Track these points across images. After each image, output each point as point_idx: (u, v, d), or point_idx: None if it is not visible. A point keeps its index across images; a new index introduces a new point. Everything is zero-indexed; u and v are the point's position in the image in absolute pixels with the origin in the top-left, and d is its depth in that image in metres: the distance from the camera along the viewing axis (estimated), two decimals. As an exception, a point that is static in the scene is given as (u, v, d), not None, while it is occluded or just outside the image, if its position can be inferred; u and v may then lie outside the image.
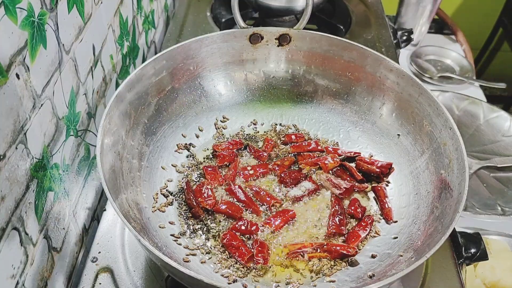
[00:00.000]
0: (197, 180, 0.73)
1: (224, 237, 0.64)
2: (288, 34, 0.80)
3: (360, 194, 0.73)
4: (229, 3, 0.80)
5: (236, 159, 0.75)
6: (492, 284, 0.86)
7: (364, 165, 0.74)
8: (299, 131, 0.83)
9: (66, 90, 0.61)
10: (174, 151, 0.76)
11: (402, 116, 0.76)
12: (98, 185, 0.78)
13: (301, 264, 0.63)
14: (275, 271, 0.63)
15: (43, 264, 0.58)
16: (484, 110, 1.21)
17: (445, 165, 0.66)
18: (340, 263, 0.63)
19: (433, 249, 0.51)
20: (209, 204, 0.68)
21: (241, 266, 0.62)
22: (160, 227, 0.64)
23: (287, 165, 0.76)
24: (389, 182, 0.74)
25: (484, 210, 0.98)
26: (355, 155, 0.77)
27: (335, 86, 0.82)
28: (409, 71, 1.03)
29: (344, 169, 0.76)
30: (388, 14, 1.29)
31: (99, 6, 0.70)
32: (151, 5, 1.02)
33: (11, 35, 0.46)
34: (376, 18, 1.19)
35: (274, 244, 0.65)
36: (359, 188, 0.73)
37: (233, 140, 0.79)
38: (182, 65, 0.76)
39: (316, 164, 0.76)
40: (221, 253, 0.64)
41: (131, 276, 0.65)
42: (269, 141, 0.79)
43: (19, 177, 0.50)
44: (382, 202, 0.71)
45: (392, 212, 0.69)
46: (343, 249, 0.63)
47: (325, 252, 0.64)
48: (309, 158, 0.77)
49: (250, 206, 0.69)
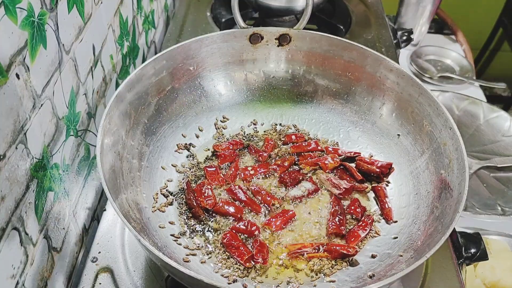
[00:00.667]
0: (197, 180, 0.73)
1: (225, 237, 0.64)
2: (288, 34, 0.80)
3: (361, 194, 0.73)
4: (229, 3, 0.80)
5: (236, 159, 0.75)
6: (492, 284, 0.86)
7: (364, 165, 0.74)
8: (299, 131, 0.83)
9: (66, 90, 0.61)
10: (174, 151, 0.76)
11: (402, 116, 0.76)
12: (98, 185, 0.78)
13: (301, 264, 0.63)
14: (276, 271, 0.63)
15: (43, 264, 0.58)
16: (484, 110, 1.21)
17: (445, 165, 0.66)
18: (341, 263, 0.63)
19: (433, 249, 0.51)
20: (209, 204, 0.68)
21: (241, 266, 0.62)
22: (160, 227, 0.64)
23: (287, 165, 0.76)
24: (389, 182, 0.74)
25: (484, 210, 0.98)
26: (355, 155, 0.77)
27: (335, 86, 0.82)
28: (409, 71, 1.03)
29: (344, 169, 0.76)
30: (388, 14, 1.29)
31: (99, 6, 0.70)
32: (151, 5, 1.02)
33: (11, 35, 0.46)
34: (376, 18, 1.19)
35: (274, 245, 0.65)
36: (359, 188, 0.73)
37: (233, 140, 0.79)
38: (182, 65, 0.76)
39: (316, 164, 0.76)
40: (222, 253, 0.64)
41: (131, 276, 0.65)
42: (269, 141, 0.79)
43: (19, 177, 0.50)
44: (382, 202, 0.71)
45: (392, 212, 0.69)
46: (343, 249, 0.63)
47: (325, 252, 0.64)
48: (309, 158, 0.77)
49: (250, 206, 0.69)
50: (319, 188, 0.73)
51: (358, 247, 0.65)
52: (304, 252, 0.64)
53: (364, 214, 0.70)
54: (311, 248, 0.64)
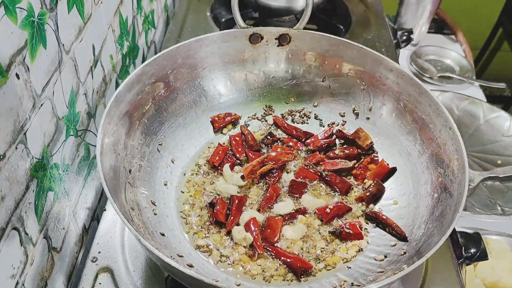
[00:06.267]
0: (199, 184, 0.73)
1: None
2: (288, 34, 0.80)
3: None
4: (229, 3, 0.80)
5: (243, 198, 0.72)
6: (492, 284, 0.86)
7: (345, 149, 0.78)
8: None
9: (66, 90, 0.61)
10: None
11: (402, 116, 0.76)
12: (98, 185, 0.78)
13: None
14: (278, 271, 0.63)
15: (43, 264, 0.58)
16: (484, 110, 1.21)
17: (445, 165, 0.66)
18: (341, 263, 0.63)
19: (433, 249, 0.51)
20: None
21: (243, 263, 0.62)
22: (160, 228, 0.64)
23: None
24: (376, 153, 0.77)
25: (484, 210, 0.98)
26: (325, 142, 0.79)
27: (335, 86, 0.82)
28: (409, 71, 1.03)
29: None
30: (388, 14, 1.29)
31: (99, 6, 0.70)
32: (151, 5, 1.02)
33: (11, 35, 0.46)
34: (376, 18, 1.19)
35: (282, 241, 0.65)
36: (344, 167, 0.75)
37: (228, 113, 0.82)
38: (182, 65, 0.76)
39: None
40: (225, 247, 0.64)
41: (131, 276, 0.65)
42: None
43: (19, 177, 0.50)
44: (391, 225, 0.67)
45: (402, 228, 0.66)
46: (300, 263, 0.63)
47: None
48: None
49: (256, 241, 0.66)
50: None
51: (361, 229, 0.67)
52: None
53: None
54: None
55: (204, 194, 0.72)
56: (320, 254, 0.65)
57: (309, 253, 0.65)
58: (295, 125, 0.83)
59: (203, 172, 0.75)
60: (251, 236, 0.64)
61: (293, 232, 0.67)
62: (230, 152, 0.77)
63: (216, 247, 0.65)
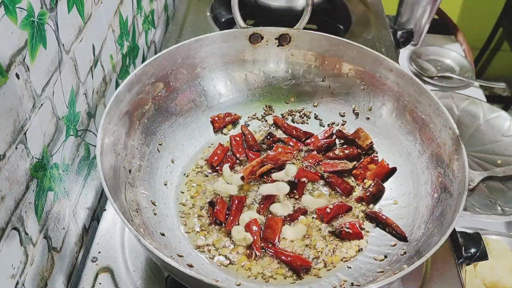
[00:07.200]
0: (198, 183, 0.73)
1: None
2: (288, 34, 0.80)
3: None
4: (229, 3, 0.80)
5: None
6: (492, 284, 0.86)
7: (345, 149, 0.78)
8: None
9: (66, 90, 0.61)
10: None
11: (402, 116, 0.76)
12: (98, 185, 0.78)
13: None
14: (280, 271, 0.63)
15: (43, 264, 0.58)
16: (484, 110, 1.21)
17: (445, 165, 0.66)
18: (341, 263, 0.63)
19: (433, 249, 0.51)
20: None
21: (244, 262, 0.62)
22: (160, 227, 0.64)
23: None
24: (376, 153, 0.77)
25: (484, 210, 0.98)
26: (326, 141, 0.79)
27: (335, 86, 0.82)
28: (409, 71, 1.03)
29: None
30: (388, 14, 1.29)
31: (99, 6, 0.70)
32: (151, 5, 1.02)
33: (11, 35, 0.46)
34: (376, 18, 1.19)
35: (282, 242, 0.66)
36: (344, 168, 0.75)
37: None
38: (182, 65, 0.76)
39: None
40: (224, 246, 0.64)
41: (131, 276, 0.65)
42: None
43: (19, 177, 0.50)
44: (391, 225, 0.67)
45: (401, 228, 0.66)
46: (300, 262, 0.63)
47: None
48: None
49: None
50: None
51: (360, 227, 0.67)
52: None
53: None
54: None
55: (204, 194, 0.72)
56: (320, 254, 0.65)
57: (309, 253, 0.65)
58: (295, 125, 0.83)
59: (203, 172, 0.75)
60: (250, 236, 0.64)
61: (293, 232, 0.67)
62: (230, 152, 0.78)
63: (216, 247, 0.65)
